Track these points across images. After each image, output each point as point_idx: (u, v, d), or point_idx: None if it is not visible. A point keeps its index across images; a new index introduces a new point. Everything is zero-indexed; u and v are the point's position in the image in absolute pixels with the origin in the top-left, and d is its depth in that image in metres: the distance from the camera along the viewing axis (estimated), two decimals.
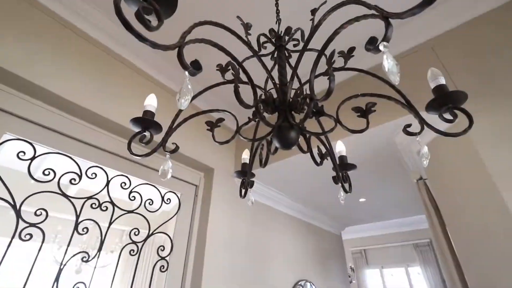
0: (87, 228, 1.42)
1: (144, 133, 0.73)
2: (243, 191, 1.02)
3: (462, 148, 1.35)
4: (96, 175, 1.54)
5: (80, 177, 1.47)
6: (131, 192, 1.65)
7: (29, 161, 1.31)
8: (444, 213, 1.58)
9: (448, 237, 1.63)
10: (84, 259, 1.39)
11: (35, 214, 1.26)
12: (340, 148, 1.02)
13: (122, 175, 1.65)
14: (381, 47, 0.40)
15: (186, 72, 0.45)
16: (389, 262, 6.94)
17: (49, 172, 1.36)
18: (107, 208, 1.51)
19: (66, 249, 1.33)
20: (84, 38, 1.54)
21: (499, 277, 1.13)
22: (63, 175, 1.42)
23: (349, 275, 4.00)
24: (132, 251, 1.57)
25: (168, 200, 1.82)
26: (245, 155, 1.09)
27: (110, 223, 1.52)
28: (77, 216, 1.41)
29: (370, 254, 7.25)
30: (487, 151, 1.22)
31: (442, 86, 0.65)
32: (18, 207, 1.22)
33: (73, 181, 1.45)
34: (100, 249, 1.45)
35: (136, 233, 1.59)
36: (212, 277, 1.75)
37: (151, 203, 1.71)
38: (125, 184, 1.64)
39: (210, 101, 2.15)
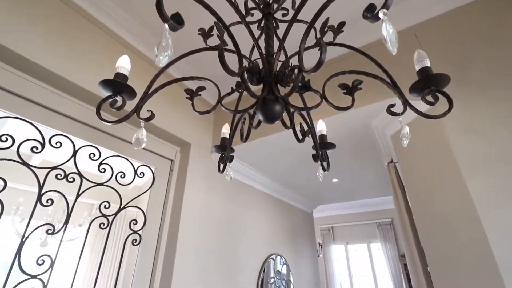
0: (51, 199, 1.33)
1: (116, 97, 0.66)
2: (221, 166, 1.00)
3: (432, 134, 1.42)
4: (61, 144, 1.42)
5: (43, 145, 1.35)
6: (101, 164, 1.56)
7: None
8: (410, 195, 1.68)
9: (411, 216, 1.76)
10: (49, 232, 1.32)
11: None
12: (321, 127, 1.02)
13: (90, 145, 1.54)
14: (380, 15, 0.37)
15: (166, 25, 0.40)
16: (353, 238, 7.45)
17: (6, 138, 1.23)
18: (74, 179, 1.43)
19: (29, 221, 1.25)
20: None
21: (455, 253, 1.24)
22: (23, 142, 1.30)
23: (317, 250, 4.25)
24: (102, 225, 1.51)
25: (142, 174, 1.76)
26: (225, 130, 1.06)
27: (78, 195, 1.44)
28: (40, 187, 1.31)
29: (337, 231, 7.73)
30: (456, 139, 1.28)
31: (426, 68, 0.66)
32: None
33: (35, 149, 1.33)
34: (66, 222, 1.38)
35: (107, 206, 1.53)
36: (186, 251, 1.76)
37: (123, 176, 1.64)
38: (94, 155, 1.55)
39: (186, 71, 2.04)
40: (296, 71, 0.60)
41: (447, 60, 1.43)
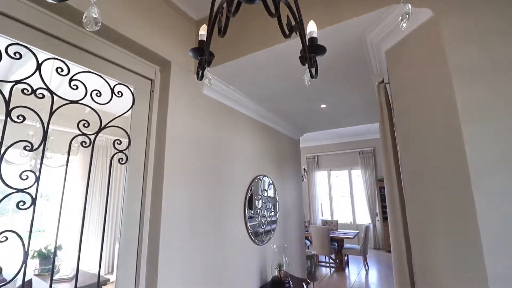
0: (23, 116, 1.25)
1: None
2: (200, 72, 0.92)
3: (428, 47, 1.32)
4: (20, 55, 1.26)
5: None
6: (71, 80, 1.44)
7: None
8: (396, 115, 1.68)
9: (394, 139, 1.80)
10: (27, 148, 1.28)
11: None
12: (311, 28, 0.91)
13: (55, 58, 1.38)
14: None
15: None
16: (336, 165, 7.97)
17: None
18: (43, 95, 1.32)
19: (2, 136, 1.19)
20: None
21: (430, 163, 1.30)
22: None
23: (302, 175, 4.53)
24: (84, 143, 1.48)
25: (120, 93, 1.65)
26: (203, 31, 0.94)
27: (51, 113, 1.35)
28: (7, 101, 1.21)
29: (322, 159, 8.19)
30: (453, 49, 1.20)
31: None
32: None
33: None
34: (44, 139, 1.33)
35: (86, 125, 1.47)
36: (174, 169, 1.80)
37: (98, 94, 1.54)
38: (62, 70, 1.40)
39: None
40: None
41: None
